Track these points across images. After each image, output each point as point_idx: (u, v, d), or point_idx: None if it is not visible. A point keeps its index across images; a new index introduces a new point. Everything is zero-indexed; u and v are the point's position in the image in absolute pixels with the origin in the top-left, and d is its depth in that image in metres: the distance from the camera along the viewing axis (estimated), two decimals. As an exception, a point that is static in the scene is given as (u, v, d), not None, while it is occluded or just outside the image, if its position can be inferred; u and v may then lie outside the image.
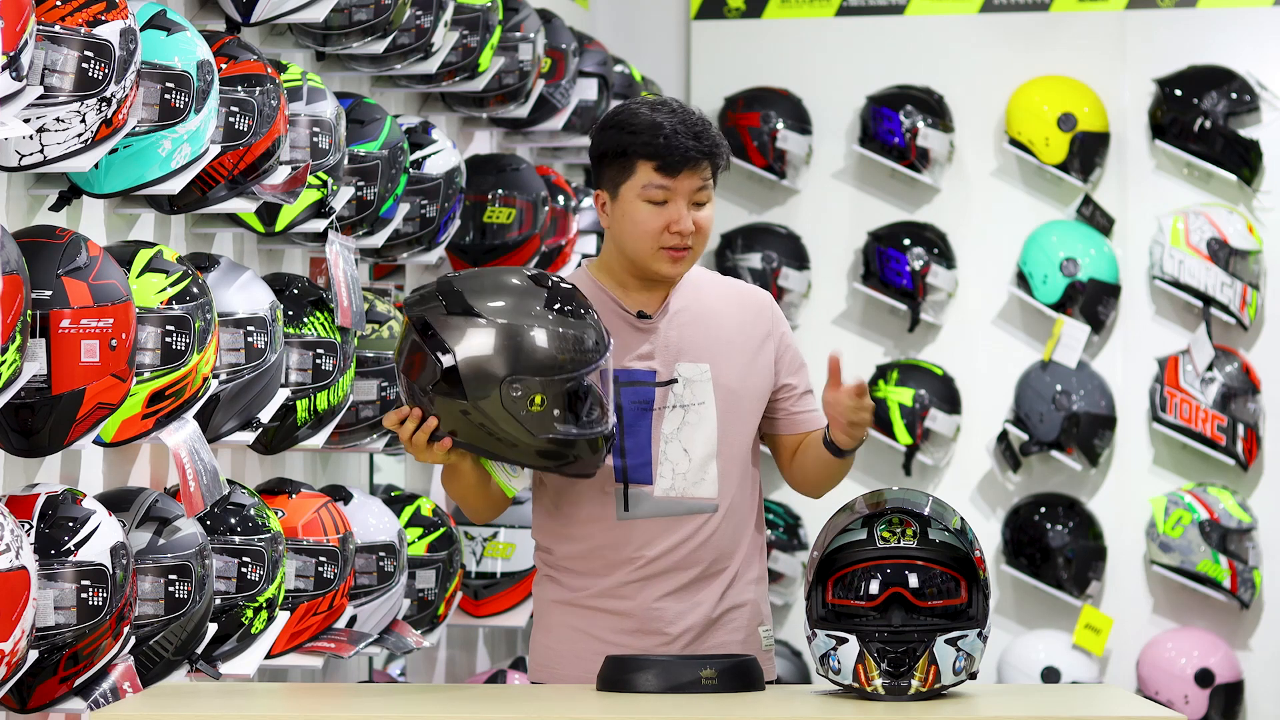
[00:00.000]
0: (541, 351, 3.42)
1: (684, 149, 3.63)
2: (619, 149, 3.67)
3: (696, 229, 3.67)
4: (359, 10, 4.46)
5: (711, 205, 3.71)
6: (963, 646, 3.19)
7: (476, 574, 5.53)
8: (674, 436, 3.70)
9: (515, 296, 3.46)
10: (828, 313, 7.74)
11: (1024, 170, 7.69)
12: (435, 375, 3.43)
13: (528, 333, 3.42)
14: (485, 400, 3.42)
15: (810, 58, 7.79)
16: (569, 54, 6.00)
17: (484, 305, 3.43)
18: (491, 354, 3.41)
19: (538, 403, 3.43)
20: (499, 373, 3.41)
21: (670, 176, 3.65)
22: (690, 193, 3.66)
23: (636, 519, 3.70)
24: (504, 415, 3.43)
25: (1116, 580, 7.58)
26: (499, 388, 3.42)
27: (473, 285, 3.47)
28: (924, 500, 3.32)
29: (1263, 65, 7.52)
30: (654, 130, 3.65)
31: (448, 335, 3.43)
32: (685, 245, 3.68)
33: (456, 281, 3.49)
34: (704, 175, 3.67)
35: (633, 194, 3.67)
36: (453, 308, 3.44)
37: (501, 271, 3.57)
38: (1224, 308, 7.42)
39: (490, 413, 3.43)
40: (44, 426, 3.33)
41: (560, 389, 3.44)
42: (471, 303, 3.44)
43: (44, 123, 3.28)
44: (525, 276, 3.51)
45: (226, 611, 3.85)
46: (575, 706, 3.29)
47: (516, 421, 3.44)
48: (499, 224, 5.49)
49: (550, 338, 3.43)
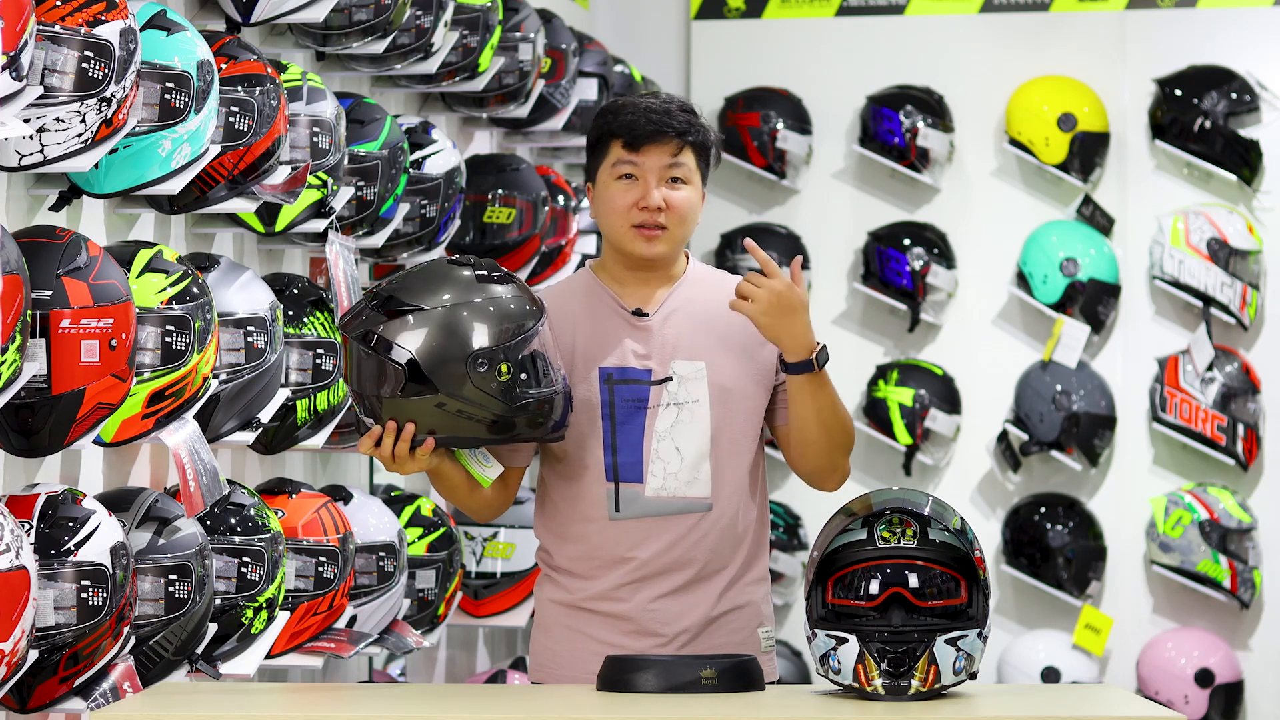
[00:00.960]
0: (491, 323, 3.48)
1: (648, 123, 3.69)
2: (596, 134, 3.76)
3: (670, 207, 3.69)
4: (359, 10, 4.46)
5: (691, 189, 3.72)
6: (963, 646, 3.19)
7: (476, 574, 5.53)
8: (667, 435, 3.70)
9: (443, 281, 3.51)
10: (828, 313, 7.74)
11: (1024, 170, 7.69)
12: (400, 378, 3.46)
13: (472, 310, 3.47)
14: (456, 384, 3.45)
15: (810, 58, 7.79)
16: (569, 54, 6.00)
17: (419, 298, 3.48)
18: (447, 339, 3.46)
19: (504, 371, 3.47)
20: (460, 354, 3.45)
21: (634, 151, 3.69)
22: (659, 170, 3.69)
23: (628, 519, 3.71)
24: (478, 393, 3.46)
25: (1116, 580, 7.57)
26: (465, 367, 3.45)
27: (399, 285, 3.52)
28: (924, 500, 3.32)
29: (1263, 65, 7.52)
30: (624, 111, 3.73)
31: (396, 338, 3.46)
32: (656, 223, 3.69)
33: (381, 290, 3.52)
34: (672, 152, 3.70)
35: (606, 174, 3.73)
36: (389, 311, 3.47)
37: (419, 265, 3.60)
38: (1224, 308, 7.42)
39: (466, 394, 3.46)
40: (44, 426, 3.33)
41: (519, 352, 3.49)
42: (406, 300, 3.48)
43: (44, 123, 3.28)
44: (443, 262, 3.57)
45: (226, 611, 3.85)
46: (575, 706, 3.30)
47: (491, 396, 3.47)
48: (499, 224, 5.49)
49: (493, 308, 3.48)
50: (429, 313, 3.46)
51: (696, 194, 3.73)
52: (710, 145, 3.75)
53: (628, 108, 3.73)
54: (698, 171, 3.73)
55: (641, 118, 3.70)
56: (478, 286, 3.50)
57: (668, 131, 3.69)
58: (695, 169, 3.72)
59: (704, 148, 3.74)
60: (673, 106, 3.72)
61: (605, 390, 3.71)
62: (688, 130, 3.71)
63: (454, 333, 3.46)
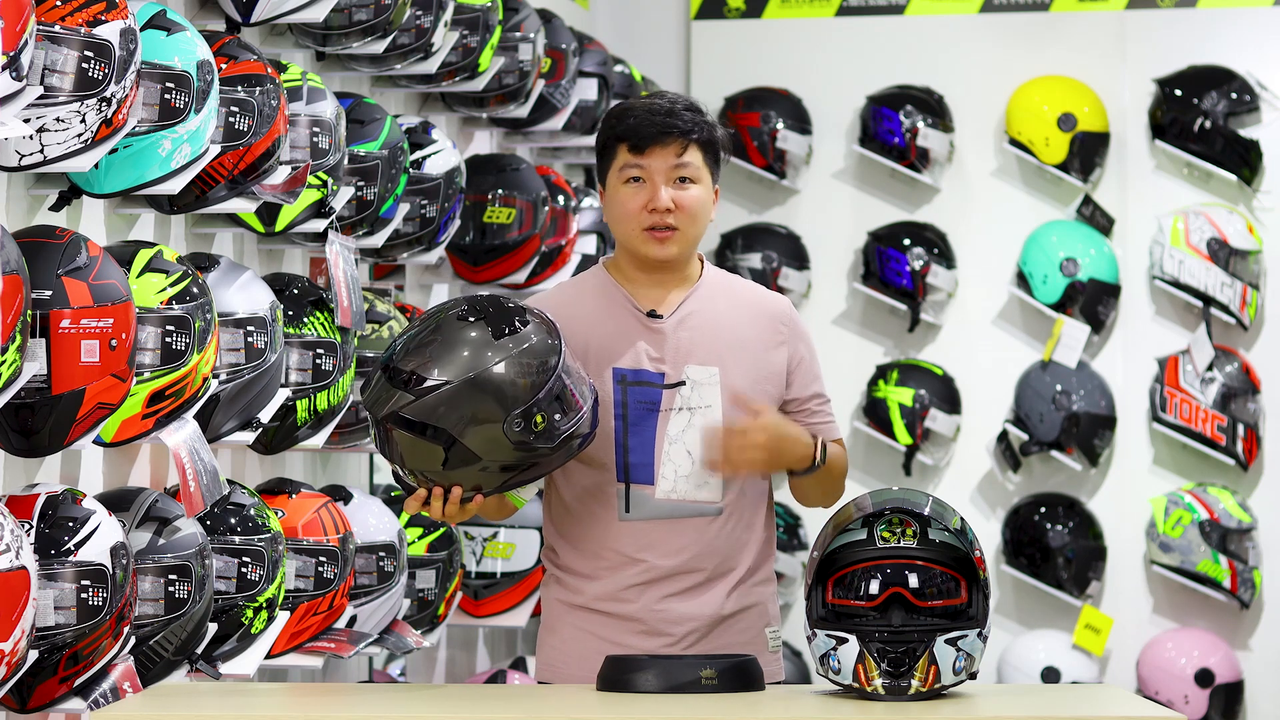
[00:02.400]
0: (517, 380, 3.42)
1: (651, 125, 3.68)
2: (603, 139, 3.75)
3: (679, 208, 3.69)
4: (359, 10, 4.46)
5: (700, 188, 3.71)
6: (963, 646, 3.19)
7: (476, 574, 5.53)
8: (679, 438, 3.70)
9: (457, 345, 3.42)
10: (828, 313, 7.74)
11: (1024, 170, 7.69)
12: (440, 456, 3.42)
13: (493, 371, 3.41)
14: (496, 450, 3.42)
15: (810, 58, 7.79)
16: (569, 54, 6.00)
17: (437, 372, 3.40)
18: (478, 411, 3.39)
19: (539, 422, 3.44)
20: (495, 419, 3.41)
21: (640, 154, 3.69)
22: (666, 171, 3.69)
23: (637, 520, 3.70)
24: (520, 451, 3.44)
25: (1116, 580, 7.58)
26: (502, 432, 3.42)
27: (416, 359, 3.42)
28: (924, 500, 3.32)
29: (1263, 65, 7.52)
30: (629, 114, 3.72)
31: (429, 418, 3.40)
32: (666, 224, 3.69)
33: (396, 363, 3.44)
34: (677, 152, 3.69)
35: (615, 179, 3.73)
36: (413, 390, 3.40)
37: (429, 327, 3.48)
38: (1224, 308, 7.42)
39: (507, 457, 3.44)
40: (44, 426, 3.33)
41: (550, 398, 3.44)
42: (425, 375, 3.40)
43: (44, 123, 3.28)
44: (451, 321, 3.46)
45: (226, 611, 3.85)
46: (575, 706, 3.29)
47: (531, 447, 3.44)
48: (499, 224, 5.49)
49: (515, 362, 3.42)
50: (456, 387, 3.38)
51: (706, 192, 3.73)
52: (717, 141, 3.74)
53: (632, 111, 3.72)
54: (706, 169, 3.72)
55: (645, 120, 3.69)
56: (494, 344, 3.42)
57: (672, 131, 3.69)
58: (703, 166, 3.72)
59: (711, 145, 3.73)
60: (677, 106, 3.72)
61: (619, 390, 3.70)
62: (693, 129, 3.70)
63: (482, 401, 3.39)
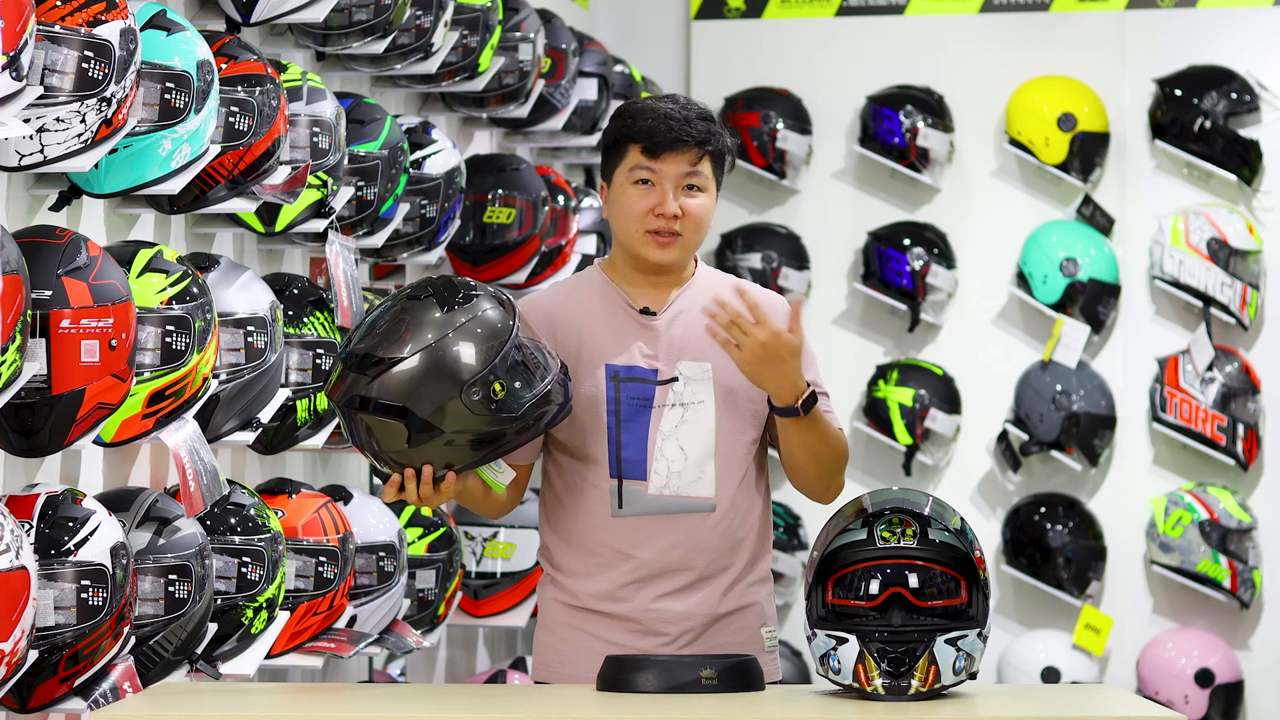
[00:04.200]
0: (471, 349, 3.44)
1: (668, 131, 3.68)
2: (614, 137, 3.75)
3: (685, 215, 3.69)
4: (359, 10, 4.46)
5: (707, 197, 3.72)
6: (963, 646, 3.19)
7: (476, 574, 5.53)
8: (671, 434, 3.70)
9: (410, 323, 3.45)
10: (828, 313, 7.74)
11: (1024, 170, 7.69)
12: (402, 431, 3.43)
13: (449, 343, 3.43)
14: (458, 420, 3.43)
15: (810, 58, 7.79)
16: (569, 54, 6.00)
17: (394, 349, 3.43)
18: (435, 381, 3.41)
19: (499, 389, 3.45)
20: (452, 391, 3.42)
21: (653, 158, 3.69)
22: (677, 177, 3.69)
23: (630, 516, 3.71)
24: (481, 419, 3.45)
25: (1116, 580, 7.58)
26: (461, 403, 3.43)
27: (371, 341, 3.45)
28: (924, 500, 3.32)
29: (1263, 65, 7.52)
30: (643, 115, 3.71)
31: (386, 395, 3.42)
32: (671, 230, 3.69)
33: (354, 346, 3.46)
34: (691, 161, 3.69)
35: (622, 178, 3.72)
36: (368, 370, 3.43)
37: (380, 311, 3.52)
38: (1224, 308, 7.42)
39: (470, 426, 3.44)
40: (44, 426, 3.33)
41: (505, 365, 3.46)
42: (381, 354, 3.42)
43: (44, 123, 3.28)
44: (403, 297, 3.51)
45: (226, 611, 3.85)
46: (575, 706, 3.30)
47: (494, 415, 3.45)
48: (499, 224, 5.49)
49: (467, 333, 3.44)
50: (409, 360, 3.41)
51: (711, 201, 3.74)
52: (726, 153, 3.76)
53: (647, 112, 3.71)
54: (713, 179, 3.74)
55: (662, 124, 3.68)
56: (445, 316, 3.45)
57: (687, 140, 3.69)
58: (711, 176, 3.73)
59: (721, 156, 3.75)
60: (692, 114, 3.71)
61: (611, 387, 3.71)
62: (707, 139, 3.71)
63: (440, 373, 3.41)
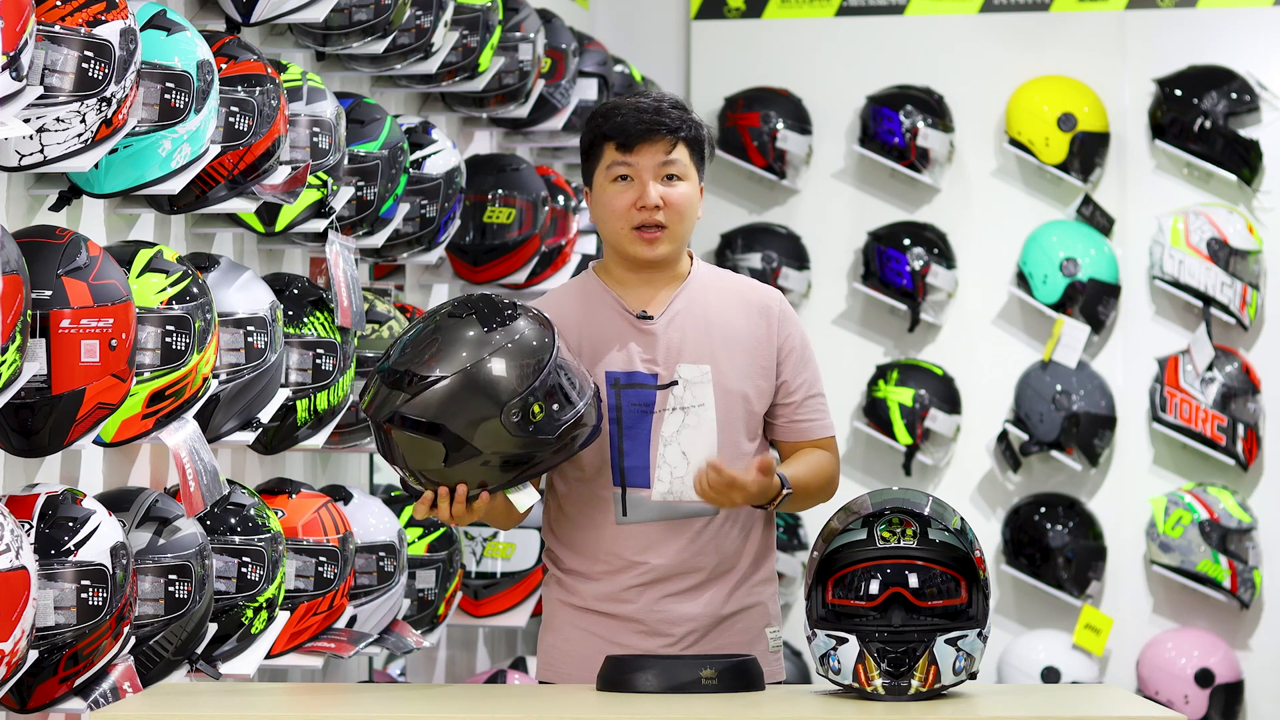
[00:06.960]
0: (511, 370, 3.42)
1: (638, 123, 3.69)
2: (589, 139, 3.76)
3: (667, 205, 3.69)
4: (359, 10, 4.46)
5: (688, 185, 3.72)
6: (963, 646, 3.19)
7: (476, 574, 5.53)
8: (673, 439, 3.70)
9: (450, 343, 3.44)
10: (828, 313, 7.74)
11: (1024, 170, 7.69)
12: (441, 452, 3.43)
13: (489, 364, 3.42)
14: (495, 441, 3.43)
15: (810, 58, 7.79)
16: (569, 54, 6.00)
17: (432, 368, 3.42)
18: (474, 402, 3.40)
19: (537, 411, 3.44)
20: (491, 412, 3.41)
21: (628, 152, 3.69)
22: (654, 168, 3.69)
23: (635, 523, 3.70)
24: (518, 440, 3.44)
25: (1116, 580, 7.58)
26: (500, 423, 3.42)
27: (409, 357, 3.44)
28: (924, 500, 3.32)
29: (1263, 65, 7.52)
30: (614, 112, 3.73)
31: (426, 414, 3.41)
32: (656, 222, 3.69)
33: (393, 363, 3.46)
34: (665, 150, 3.70)
35: (602, 177, 3.73)
36: (408, 389, 3.42)
37: (420, 328, 3.51)
38: (1224, 308, 7.42)
39: (507, 447, 3.44)
40: (44, 426, 3.33)
41: (545, 387, 3.45)
42: (421, 373, 3.42)
43: (44, 123, 3.28)
44: (443, 315, 3.50)
45: (226, 611, 3.85)
46: (575, 706, 3.29)
47: (531, 437, 3.44)
48: (499, 224, 5.49)
49: (508, 354, 3.43)
50: (451, 382, 3.40)
51: (693, 189, 3.73)
52: (703, 139, 3.75)
53: (618, 109, 3.73)
54: (693, 166, 3.73)
55: (633, 117, 3.70)
56: (485, 336, 3.44)
57: (660, 129, 3.69)
58: (690, 164, 3.73)
59: (697, 142, 3.74)
60: (663, 104, 3.72)
61: (613, 395, 3.70)
62: (680, 126, 3.71)
63: (479, 393, 3.40)
